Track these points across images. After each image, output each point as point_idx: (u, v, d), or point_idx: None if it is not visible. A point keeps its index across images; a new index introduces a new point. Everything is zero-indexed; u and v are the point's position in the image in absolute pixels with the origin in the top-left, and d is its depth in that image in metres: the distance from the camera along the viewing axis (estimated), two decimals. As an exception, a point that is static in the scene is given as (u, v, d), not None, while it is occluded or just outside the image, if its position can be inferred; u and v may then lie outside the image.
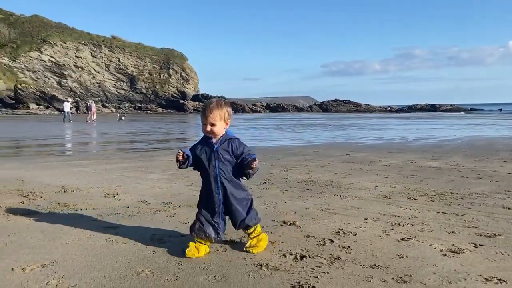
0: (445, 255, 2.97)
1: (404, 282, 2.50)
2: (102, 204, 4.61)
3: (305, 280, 2.51)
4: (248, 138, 17.15)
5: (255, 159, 2.88)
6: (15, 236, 3.40)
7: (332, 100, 79.82)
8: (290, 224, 3.75)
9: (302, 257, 2.91)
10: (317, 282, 2.49)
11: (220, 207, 2.98)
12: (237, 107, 71.86)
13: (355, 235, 3.43)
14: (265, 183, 5.95)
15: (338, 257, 2.90)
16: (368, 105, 79.33)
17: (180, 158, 2.97)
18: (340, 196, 5.03)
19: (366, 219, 3.94)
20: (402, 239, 3.31)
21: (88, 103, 38.28)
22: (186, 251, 2.91)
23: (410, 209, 4.33)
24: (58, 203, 4.59)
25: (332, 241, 3.27)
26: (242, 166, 2.93)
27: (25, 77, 61.09)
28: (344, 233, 3.48)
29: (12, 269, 2.70)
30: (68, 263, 2.81)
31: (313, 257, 2.91)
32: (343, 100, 79.48)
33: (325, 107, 77.22)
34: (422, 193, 5.15)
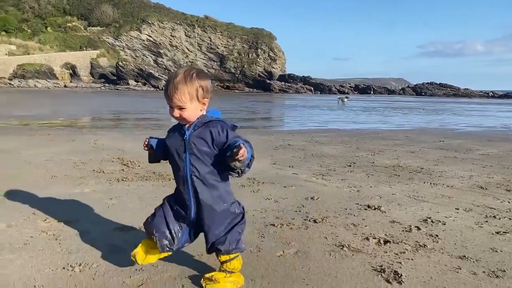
0: (547, 253, 2.72)
1: (497, 277, 2.35)
2: (192, 176, 4.86)
3: (387, 265, 2.47)
4: (334, 119, 16.89)
5: (241, 147, 1.89)
6: (117, 200, 3.75)
7: (427, 83, 75.67)
8: (375, 208, 3.67)
9: (386, 241, 2.85)
10: (400, 267, 2.43)
11: (191, 218, 2.14)
12: (323, 88, 71.07)
13: (444, 224, 3.27)
14: (350, 165, 5.86)
15: (424, 245, 2.80)
16: (467, 89, 73.96)
17: (144, 147, 2.25)
18: (431, 183, 4.79)
19: (457, 209, 3.73)
20: (497, 233, 3.09)
21: None
22: (132, 252, 2.19)
23: (509, 202, 4.01)
24: (153, 173, 4.95)
25: (418, 228, 3.15)
26: (225, 158, 1.98)
27: (126, 55, 65.90)
28: (432, 221, 3.33)
29: (114, 229, 2.99)
30: (161, 227, 3.03)
31: (398, 243, 2.84)
32: (440, 83, 74.99)
33: (419, 90, 73.42)
34: (524, 186, 4.72)
